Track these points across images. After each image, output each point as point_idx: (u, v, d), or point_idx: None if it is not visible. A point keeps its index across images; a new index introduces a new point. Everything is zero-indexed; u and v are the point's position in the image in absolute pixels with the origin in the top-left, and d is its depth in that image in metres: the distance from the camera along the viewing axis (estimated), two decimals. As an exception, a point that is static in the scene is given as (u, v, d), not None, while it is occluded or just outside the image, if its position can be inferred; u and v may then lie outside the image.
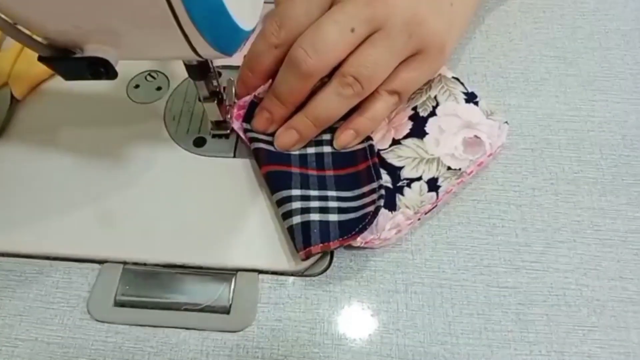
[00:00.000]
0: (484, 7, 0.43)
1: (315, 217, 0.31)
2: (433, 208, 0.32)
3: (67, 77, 0.25)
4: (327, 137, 0.34)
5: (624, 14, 0.43)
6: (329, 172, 0.33)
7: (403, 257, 0.32)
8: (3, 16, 0.22)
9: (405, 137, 0.34)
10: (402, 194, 0.32)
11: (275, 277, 0.31)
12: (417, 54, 0.32)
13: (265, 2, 0.30)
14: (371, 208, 0.30)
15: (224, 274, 0.31)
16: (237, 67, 0.35)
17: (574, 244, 0.32)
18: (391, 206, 0.31)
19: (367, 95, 0.32)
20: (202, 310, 0.30)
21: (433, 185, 0.32)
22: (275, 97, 0.33)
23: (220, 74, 0.32)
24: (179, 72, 0.38)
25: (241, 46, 0.27)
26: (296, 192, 0.32)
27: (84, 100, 0.38)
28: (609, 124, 0.37)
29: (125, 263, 0.31)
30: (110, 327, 0.29)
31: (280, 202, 0.31)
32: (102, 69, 0.24)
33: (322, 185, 0.32)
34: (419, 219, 0.32)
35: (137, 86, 0.38)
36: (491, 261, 0.31)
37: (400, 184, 0.32)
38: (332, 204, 0.31)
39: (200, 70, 0.30)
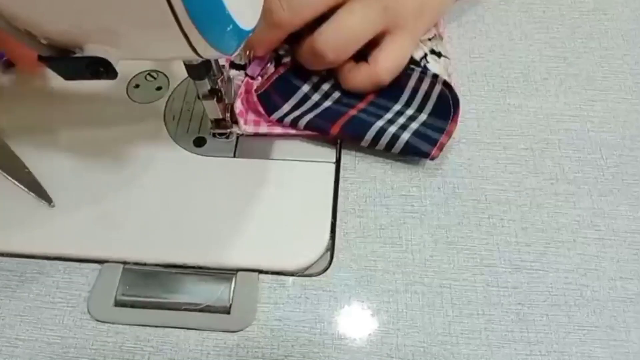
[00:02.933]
0: (483, 6, 0.43)
1: (414, 125, 0.34)
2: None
3: (67, 77, 0.25)
4: (326, 86, 0.36)
5: (624, 14, 0.43)
6: (372, 97, 0.36)
7: (403, 257, 0.32)
8: (3, 16, 0.22)
9: None
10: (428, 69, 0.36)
11: (275, 277, 0.31)
12: (385, 32, 0.34)
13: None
14: (439, 87, 0.34)
15: (224, 274, 0.31)
16: (237, 65, 0.37)
17: (574, 244, 0.32)
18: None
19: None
20: (202, 310, 0.30)
21: (436, 53, 0.37)
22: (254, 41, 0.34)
23: (222, 73, 0.32)
24: (179, 72, 0.38)
25: (241, 46, 0.27)
26: (380, 122, 0.34)
27: (84, 100, 0.38)
28: (609, 124, 0.37)
29: (125, 263, 0.31)
30: (110, 327, 0.29)
31: (376, 138, 0.33)
32: (102, 69, 0.24)
33: (384, 107, 0.35)
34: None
35: (137, 86, 0.38)
36: (491, 261, 0.31)
37: (422, 63, 0.36)
38: (409, 111, 0.35)
39: (200, 70, 0.30)
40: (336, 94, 0.36)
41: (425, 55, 0.36)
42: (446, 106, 0.34)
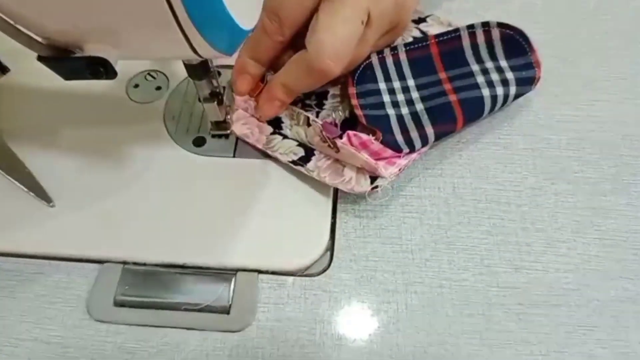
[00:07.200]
0: (483, 6, 0.43)
1: (510, 74, 0.35)
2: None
3: (67, 77, 0.25)
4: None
5: (624, 14, 0.43)
6: (445, 74, 0.36)
7: (403, 257, 0.32)
8: (3, 16, 0.22)
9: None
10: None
11: (275, 277, 0.31)
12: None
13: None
14: (497, 31, 0.35)
15: (224, 274, 0.31)
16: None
17: (574, 244, 0.32)
18: None
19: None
20: (202, 310, 0.30)
21: (424, 19, 0.40)
22: (251, 58, 0.33)
23: (220, 74, 0.32)
24: (179, 72, 0.38)
25: (241, 46, 0.27)
26: (485, 91, 0.34)
27: (84, 100, 0.38)
28: (609, 124, 0.37)
29: (125, 263, 0.31)
30: (110, 327, 0.29)
31: (493, 107, 0.34)
32: (101, 69, 0.24)
33: (467, 74, 0.35)
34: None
35: (136, 86, 0.38)
36: (491, 261, 0.31)
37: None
38: (489, 64, 0.35)
39: (200, 70, 0.30)
40: (414, 94, 0.35)
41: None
42: (516, 43, 0.35)
